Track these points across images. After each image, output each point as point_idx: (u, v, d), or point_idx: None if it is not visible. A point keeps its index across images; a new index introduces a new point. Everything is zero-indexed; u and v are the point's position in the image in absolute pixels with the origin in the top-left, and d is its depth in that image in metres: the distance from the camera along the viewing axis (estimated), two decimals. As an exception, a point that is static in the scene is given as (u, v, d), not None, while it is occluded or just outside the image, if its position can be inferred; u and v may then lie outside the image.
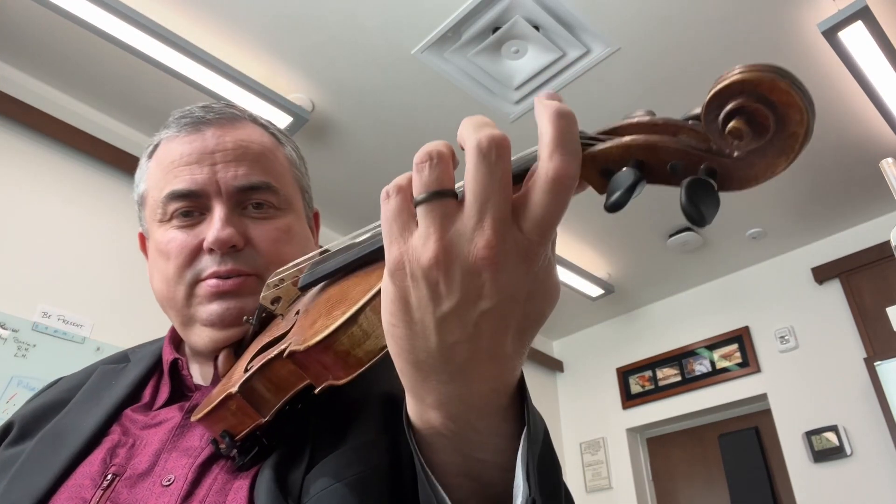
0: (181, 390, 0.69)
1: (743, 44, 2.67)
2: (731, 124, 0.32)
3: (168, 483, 0.56)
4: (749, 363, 4.00)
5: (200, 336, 0.67)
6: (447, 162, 0.36)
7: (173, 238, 0.67)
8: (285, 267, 0.63)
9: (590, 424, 4.64)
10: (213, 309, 0.65)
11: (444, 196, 0.35)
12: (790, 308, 3.97)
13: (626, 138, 0.34)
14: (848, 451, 3.45)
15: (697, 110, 0.34)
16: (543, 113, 0.34)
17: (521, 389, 0.42)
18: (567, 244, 3.93)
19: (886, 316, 2.56)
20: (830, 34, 2.42)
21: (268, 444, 0.57)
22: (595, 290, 4.22)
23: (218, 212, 0.65)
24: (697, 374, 4.21)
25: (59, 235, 2.59)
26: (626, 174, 0.34)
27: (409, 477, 0.51)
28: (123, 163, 2.77)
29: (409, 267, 0.36)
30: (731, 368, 4.08)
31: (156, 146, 0.73)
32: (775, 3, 2.51)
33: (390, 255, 0.36)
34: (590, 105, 2.96)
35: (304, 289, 0.58)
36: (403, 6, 2.48)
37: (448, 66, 2.74)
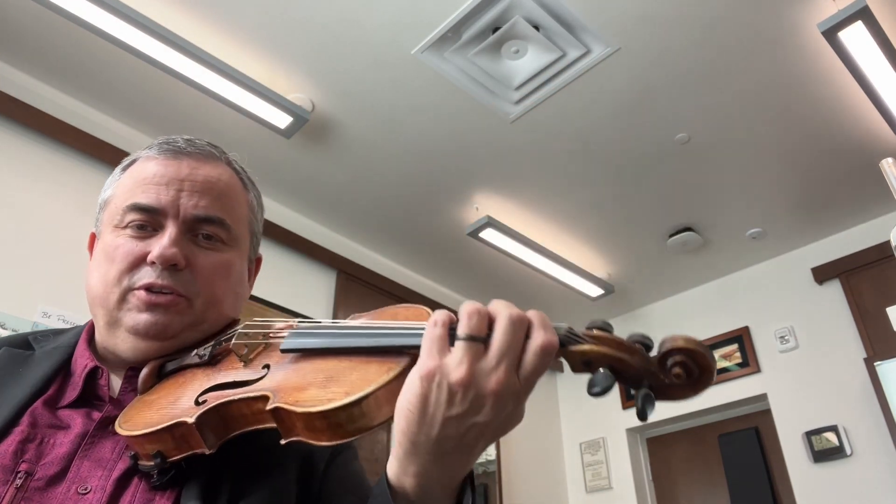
0: (88, 397, 0.70)
1: (743, 44, 2.67)
2: (675, 369, 0.51)
3: (84, 491, 0.60)
4: (749, 363, 4.00)
5: (125, 341, 0.70)
6: (485, 319, 0.51)
7: (122, 244, 0.71)
8: (257, 321, 0.70)
9: (590, 424, 4.64)
10: (140, 318, 0.69)
11: (479, 340, 0.50)
12: (790, 308, 3.96)
13: (606, 349, 0.51)
14: (848, 451, 3.45)
15: (646, 339, 0.52)
16: (529, 312, 0.52)
17: (470, 475, 0.57)
18: (567, 244, 3.93)
19: (886, 316, 2.56)
20: (830, 34, 2.42)
21: (185, 470, 0.62)
22: (595, 290, 4.22)
23: (169, 231, 0.71)
24: (697, 374, 4.20)
25: (59, 235, 2.58)
26: (606, 378, 0.50)
27: None
28: (123, 163, 2.77)
29: (439, 378, 0.49)
30: (731, 368, 4.08)
31: (132, 161, 0.78)
32: (775, 3, 2.51)
33: (427, 364, 0.50)
34: (590, 105, 2.96)
35: (286, 352, 0.64)
36: (403, 6, 2.48)
37: (448, 66, 2.74)
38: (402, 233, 3.84)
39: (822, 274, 3.87)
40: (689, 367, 0.50)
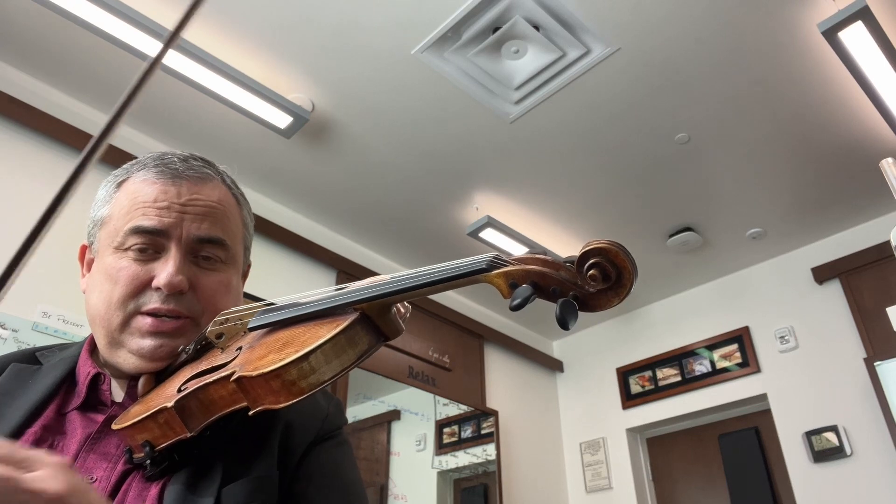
0: (92, 402, 0.74)
1: (743, 44, 2.67)
2: (591, 272, 0.52)
3: (90, 481, 0.64)
4: (749, 363, 4.00)
5: (126, 360, 0.72)
6: None
7: (125, 267, 0.72)
8: (233, 309, 0.72)
9: (590, 424, 4.64)
10: (145, 343, 0.71)
11: None
12: (790, 308, 3.96)
13: (528, 266, 0.54)
14: (848, 451, 3.45)
15: (574, 256, 0.54)
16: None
17: None
18: (567, 244, 3.93)
19: (886, 316, 2.56)
20: (830, 34, 2.42)
21: (178, 461, 0.65)
22: (595, 290, 4.22)
23: (174, 257, 0.72)
24: (697, 374, 4.21)
25: (59, 235, 2.58)
26: (524, 289, 0.53)
27: None
28: (124, 163, 2.77)
29: None
30: (731, 368, 4.08)
31: (126, 179, 0.79)
32: (775, 3, 2.51)
33: None
34: (590, 105, 2.96)
35: (253, 329, 0.68)
36: (403, 6, 2.48)
37: (448, 66, 2.74)
38: (402, 232, 3.84)
39: (822, 274, 3.87)
40: (605, 267, 0.52)
